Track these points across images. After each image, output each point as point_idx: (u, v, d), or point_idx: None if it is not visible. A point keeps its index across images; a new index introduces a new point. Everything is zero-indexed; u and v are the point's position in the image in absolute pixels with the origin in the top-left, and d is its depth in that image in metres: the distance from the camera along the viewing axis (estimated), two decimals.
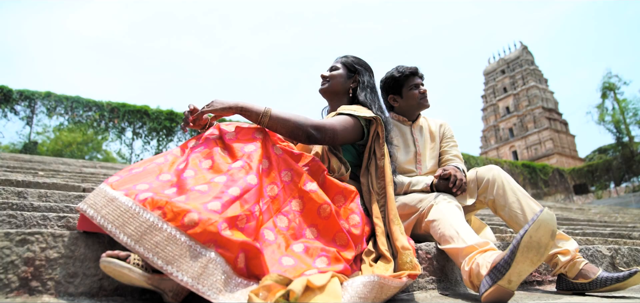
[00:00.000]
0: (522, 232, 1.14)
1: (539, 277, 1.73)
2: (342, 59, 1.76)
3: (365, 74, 1.71)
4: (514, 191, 1.66)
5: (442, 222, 1.50)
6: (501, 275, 1.15)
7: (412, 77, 2.08)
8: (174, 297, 0.98)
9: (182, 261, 0.91)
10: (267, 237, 1.10)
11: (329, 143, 1.45)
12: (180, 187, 1.15)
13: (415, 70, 2.09)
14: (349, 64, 1.73)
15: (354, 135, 1.50)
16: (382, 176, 1.45)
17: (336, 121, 1.46)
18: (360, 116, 1.50)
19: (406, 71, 2.08)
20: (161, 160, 1.27)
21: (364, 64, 1.76)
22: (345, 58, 1.76)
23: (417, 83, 2.08)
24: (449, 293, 1.38)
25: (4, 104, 12.79)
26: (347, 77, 1.70)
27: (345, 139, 1.48)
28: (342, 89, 1.70)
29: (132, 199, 1.06)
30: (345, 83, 1.70)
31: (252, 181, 1.14)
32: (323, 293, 0.84)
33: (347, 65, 1.73)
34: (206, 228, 0.94)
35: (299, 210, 1.20)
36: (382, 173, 1.45)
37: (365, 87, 1.67)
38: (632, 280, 1.38)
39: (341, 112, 1.53)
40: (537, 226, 1.12)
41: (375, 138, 1.52)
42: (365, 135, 1.53)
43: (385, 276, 1.05)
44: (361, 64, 1.75)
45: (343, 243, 1.16)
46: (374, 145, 1.52)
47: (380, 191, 1.43)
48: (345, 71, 1.72)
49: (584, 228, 4.11)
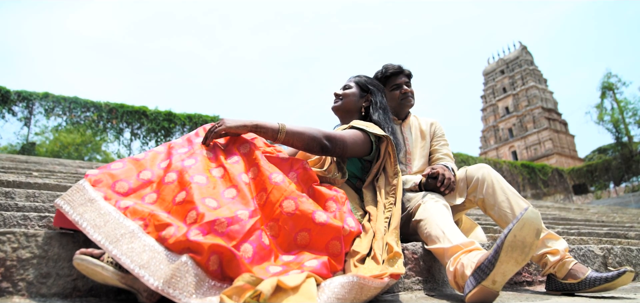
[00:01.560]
0: (506, 231, 1.12)
1: (529, 277, 1.71)
2: (355, 78, 1.79)
3: (377, 94, 1.75)
4: (504, 190, 1.64)
5: (429, 222, 1.48)
6: (485, 276, 1.13)
7: (394, 78, 2.10)
8: (149, 297, 0.96)
9: (154, 266, 0.91)
10: (263, 240, 1.07)
11: (339, 155, 1.48)
12: (159, 192, 1.15)
13: (397, 70, 2.09)
14: (361, 84, 1.76)
15: (363, 150, 1.53)
16: (393, 194, 1.44)
17: (347, 134, 1.50)
18: (371, 133, 1.53)
19: (388, 71, 2.10)
20: (141, 156, 1.27)
21: (377, 84, 1.79)
22: (358, 78, 1.79)
23: (399, 83, 2.09)
24: (435, 294, 1.36)
25: (2, 105, 12.75)
26: (360, 96, 1.74)
27: (354, 152, 1.51)
28: (355, 107, 1.73)
29: (112, 205, 1.06)
30: (357, 102, 1.73)
31: (230, 194, 1.14)
32: (297, 294, 0.82)
33: (360, 84, 1.76)
34: (178, 238, 0.95)
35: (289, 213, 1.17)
36: (394, 191, 1.45)
37: (378, 108, 1.71)
38: (621, 280, 1.36)
39: (353, 126, 1.56)
40: (521, 225, 1.10)
41: (386, 157, 1.54)
42: (372, 151, 1.55)
43: (366, 276, 1.02)
44: (374, 84, 1.78)
45: (335, 251, 1.13)
46: (385, 163, 1.53)
47: (388, 206, 1.41)
48: (358, 90, 1.75)
49: (580, 228, 4.09)
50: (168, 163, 1.24)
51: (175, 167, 1.21)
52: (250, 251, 1.01)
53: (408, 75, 2.12)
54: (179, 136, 15.65)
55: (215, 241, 0.95)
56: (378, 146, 1.56)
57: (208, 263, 0.93)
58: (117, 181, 1.15)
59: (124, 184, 1.15)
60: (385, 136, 1.53)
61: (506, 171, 22.84)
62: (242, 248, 1.00)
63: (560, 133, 41.34)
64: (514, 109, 43.14)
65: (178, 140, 1.37)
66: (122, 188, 1.14)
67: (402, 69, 2.10)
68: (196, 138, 1.37)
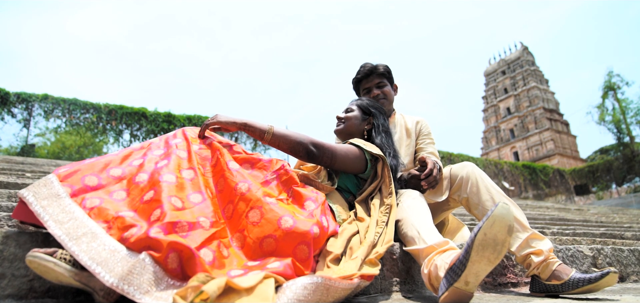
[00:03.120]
0: (476, 230, 1.08)
1: (515, 279, 1.67)
2: (357, 101, 1.81)
3: (379, 117, 1.75)
4: (488, 189, 1.61)
5: (405, 222, 1.44)
6: (457, 277, 1.09)
7: (364, 81, 2.10)
8: (105, 297, 0.93)
9: (112, 264, 0.89)
10: (222, 251, 1.05)
11: (327, 165, 1.49)
12: (129, 191, 1.13)
13: (366, 73, 2.08)
14: (363, 107, 1.77)
15: (355, 166, 1.52)
16: (387, 212, 1.42)
17: (339, 146, 1.51)
18: (367, 150, 1.53)
19: (359, 74, 2.10)
20: (115, 154, 1.26)
21: (379, 108, 1.80)
22: (360, 101, 1.81)
23: (369, 87, 2.08)
24: (412, 297, 1.32)
25: (1, 107, 12.76)
26: (362, 119, 1.74)
27: (345, 166, 1.50)
28: (357, 130, 1.73)
29: (78, 204, 1.05)
30: (359, 125, 1.73)
31: (196, 198, 1.12)
32: (251, 296, 0.79)
33: (362, 107, 1.77)
34: (139, 236, 0.94)
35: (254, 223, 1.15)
36: (389, 210, 1.43)
37: (381, 131, 1.71)
38: (605, 281, 1.31)
39: (350, 142, 1.58)
40: (492, 222, 1.06)
41: (383, 178, 1.53)
42: (367, 169, 1.54)
43: (332, 277, 0.99)
44: (376, 107, 1.79)
45: (303, 256, 1.10)
46: (381, 184, 1.52)
47: (380, 223, 1.38)
48: (360, 113, 1.76)
49: (576, 228, 4.04)
50: (141, 163, 1.22)
51: (148, 168, 1.20)
52: (210, 256, 0.99)
53: (381, 74, 2.08)
54: None
55: (174, 239, 0.93)
56: (374, 165, 1.56)
57: (167, 260, 0.91)
58: (86, 176, 1.14)
59: (94, 178, 1.14)
60: (381, 156, 1.53)
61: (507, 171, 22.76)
62: (201, 251, 0.98)
63: (562, 134, 41.17)
64: (516, 110, 42.99)
65: (156, 140, 1.36)
66: (91, 182, 1.13)
67: (371, 71, 2.07)
68: (173, 139, 1.36)
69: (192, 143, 1.36)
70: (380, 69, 2.07)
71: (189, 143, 1.34)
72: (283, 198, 1.26)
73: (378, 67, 2.07)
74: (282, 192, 1.30)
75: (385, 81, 2.08)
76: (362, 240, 1.29)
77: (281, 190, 1.31)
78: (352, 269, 1.11)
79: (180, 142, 1.34)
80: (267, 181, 1.31)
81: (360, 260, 1.16)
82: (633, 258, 2.09)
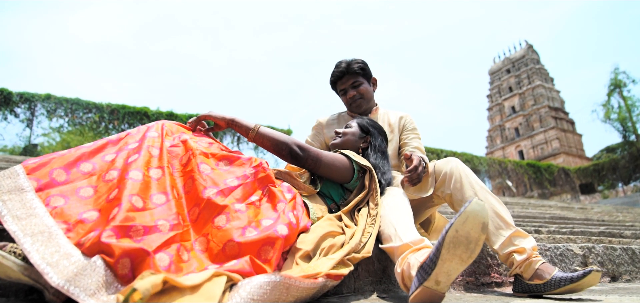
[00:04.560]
0: (447, 226, 1.03)
1: (499, 278, 1.62)
2: (358, 120, 1.82)
3: (378, 137, 1.75)
4: (472, 185, 1.56)
5: (384, 219, 1.40)
6: (427, 275, 1.04)
7: (339, 83, 2.07)
8: (56, 295, 0.90)
9: (62, 265, 0.86)
10: (181, 254, 1.02)
11: (311, 168, 1.49)
12: (97, 188, 1.10)
13: (339, 75, 2.05)
14: (363, 125, 1.78)
15: (340, 174, 1.51)
16: (372, 224, 1.39)
17: (326, 152, 1.52)
18: (355, 161, 1.52)
19: (333, 76, 2.07)
20: (89, 145, 1.22)
21: (379, 128, 1.81)
22: (361, 119, 1.82)
23: (344, 88, 2.06)
24: (387, 297, 1.27)
25: (4, 107, 12.84)
26: (359, 137, 1.75)
27: (329, 172, 1.50)
28: (352, 146, 1.72)
29: (42, 200, 1.03)
30: (356, 141, 1.74)
31: (159, 199, 1.10)
32: (195, 294, 0.75)
33: (361, 125, 1.78)
34: (93, 241, 0.91)
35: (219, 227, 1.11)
36: (374, 221, 1.40)
37: (377, 151, 1.71)
38: (588, 280, 1.26)
39: (340, 151, 1.58)
40: (465, 218, 1.02)
41: (371, 192, 1.51)
42: (353, 180, 1.52)
43: (293, 276, 0.95)
44: (376, 127, 1.80)
45: (267, 257, 1.07)
46: (369, 198, 1.50)
47: (366, 233, 1.35)
48: (359, 130, 1.77)
49: (574, 227, 3.97)
50: (113, 159, 1.19)
51: (119, 164, 1.17)
52: (167, 261, 0.96)
53: (356, 73, 2.03)
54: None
55: (127, 245, 0.90)
56: (361, 177, 1.54)
57: (117, 265, 0.88)
58: (54, 169, 1.11)
59: (62, 173, 1.11)
60: (369, 167, 1.52)
61: (511, 170, 22.58)
62: (157, 256, 0.95)
63: (568, 132, 40.83)
64: (520, 109, 42.69)
65: (134, 131, 1.33)
66: (59, 177, 1.10)
67: (345, 72, 2.03)
68: (149, 132, 1.32)
69: (165, 138, 1.33)
70: (354, 68, 2.02)
71: (163, 139, 1.31)
72: (255, 200, 1.23)
73: (351, 66, 2.02)
74: (257, 190, 1.27)
75: (360, 80, 2.04)
76: (346, 243, 1.25)
77: (256, 188, 1.28)
78: (319, 268, 1.07)
79: (155, 137, 1.31)
80: (244, 176, 1.28)
81: (334, 261, 1.12)
82: (626, 257, 2.03)
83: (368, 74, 2.07)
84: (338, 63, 2.06)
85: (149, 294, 0.66)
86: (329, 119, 2.19)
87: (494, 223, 1.47)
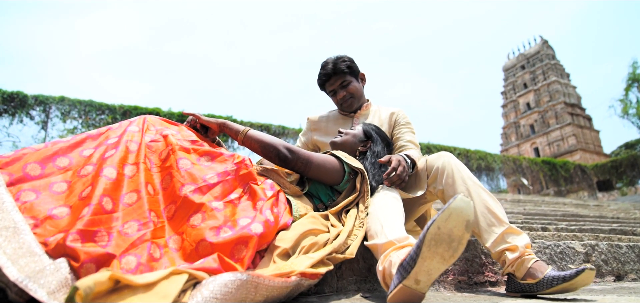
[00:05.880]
0: (429, 223, 0.99)
1: (493, 278, 1.56)
2: (365, 125, 1.81)
3: (379, 144, 1.73)
4: (464, 181, 1.50)
5: (372, 216, 1.36)
6: (407, 274, 1.00)
7: (328, 83, 2.02)
8: (18, 294, 0.88)
9: (23, 261, 0.85)
10: (152, 252, 1.00)
11: (301, 171, 1.48)
12: (71, 184, 1.08)
13: (325, 78, 2.00)
14: (366, 130, 1.78)
15: (330, 176, 1.49)
16: (360, 226, 1.36)
17: (316, 154, 1.50)
18: (346, 162, 1.49)
19: (320, 78, 2.03)
20: (66, 140, 1.21)
21: (383, 136, 1.80)
22: (366, 126, 1.81)
23: (333, 90, 2.02)
24: (371, 297, 1.23)
25: (20, 110, 13.10)
26: (359, 140, 1.74)
27: (319, 175, 1.48)
28: (350, 148, 1.72)
29: (12, 195, 1.02)
30: (355, 144, 1.73)
31: (130, 198, 1.08)
32: (149, 293, 0.72)
33: (365, 130, 1.78)
34: (58, 242, 0.90)
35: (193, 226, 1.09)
36: (363, 224, 1.37)
37: (375, 156, 1.69)
38: (581, 279, 1.20)
39: (331, 152, 1.55)
40: (448, 215, 0.97)
41: (361, 194, 1.48)
42: (343, 181, 1.50)
43: (263, 275, 0.91)
44: (380, 135, 1.79)
45: (240, 256, 1.04)
46: (359, 200, 1.47)
47: (352, 235, 1.32)
48: (361, 134, 1.77)
49: (585, 224, 3.85)
50: (91, 154, 1.17)
51: (95, 160, 1.15)
52: (134, 263, 0.94)
53: (343, 72, 1.98)
54: None
55: (92, 250, 0.89)
56: (352, 179, 1.52)
57: (81, 270, 0.87)
58: (28, 164, 1.09)
59: (37, 167, 1.10)
60: (361, 169, 1.49)
61: (526, 167, 22.18)
62: (123, 260, 0.93)
63: (584, 128, 39.99)
64: (536, 105, 41.96)
65: (115, 125, 1.31)
66: (33, 171, 1.08)
67: (332, 73, 1.98)
68: (130, 127, 1.31)
69: (146, 133, 1.31)
70: (342, 67, 1.98)
71: (143, 133, 1.30)
72: (234, 198, 1.20)
73: (338, 66, 1.98)
74: (238, 188, 1.25)
75: (349, 78, 2.00)
76: (329, 243, 1.22)
77: (237, 185, 1.26)
78: (294, 266, 1.04)
79: (136, 131, 1.29)
80: (225, 172, 1.26)
81: (314, 260, 1.09)
82: (632, 255, 1.95)
83: (355, 71, 2.03)
84: (324, 64, 2.02)
85: (92, 292, 0.64)
86: (319, 119, 2.16)
87: (486, 220, 1.42)
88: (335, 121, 2.10)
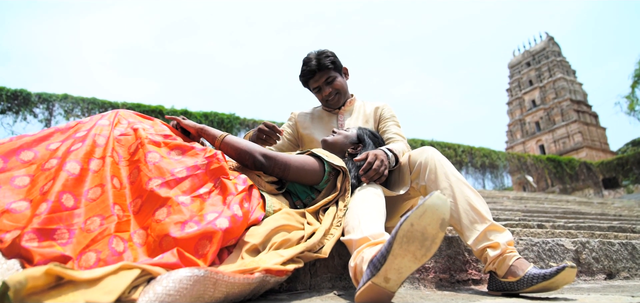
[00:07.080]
0: (402, 219, 0.95)
1: (477, 276, 1.52)
2: (360, 130, 1.78)
3: (369, 148, 1.68)
4: (447, 176, 1.47)
5: (350, 211, 1.33)
6: (376, 271, 0.97)
7: (311, 82, 1.97)
8: None
9: None
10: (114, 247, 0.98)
11: (279, 175, 1.46)
12: (34, 178, 1.06)
13: (309, 75, 1.95)
14: (360, 134, 1.75)
15: (309, 178, 1.46)
16: (338, 225, 1.34)
17: (294, 157, 1.47)
18: (327, 161, 1.47)
19: (304, 75, 1.97)
20: (34, 134, 1.17)
21: (377, 141, 1.77)
22: (362, 130, 1.77)
23: (318, 86, 1.97)
24: (346, 294, 1.19)
25: (23, 107, 13.18)
26: (351, 142, 1.71)
27: (298, 177, 1.45)
28: (340, 148, 1.69)
29: None
30: (346, 145, 1.70)
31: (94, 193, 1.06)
32: (92, 288, 0.69)
33: (359, 134, 1.75)
34: (13, 241, 0.87)
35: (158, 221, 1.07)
36: (340, 222, 1.35)
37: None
38: (562, 277, 1.16)
39: (311, 151, 1.52)
40: (422, 212, 0.94)
41: (341, 193, 1.46)
42: (322, 181, 1.47)
43: (224, 271, 0.89)
44: (374, 141, 1.75)
45: (203, 252, 1.02)
46: (339, 198, 1.45)
47: (326, 233, 1.29)
48: (354, 137, 1.74)
49: (584, 221, 3.79)
50: (57, 147, 1.15)
51: (59, 154, 1.12)
52: (93, 259, 0.92)
53: (328, 68, 1.93)
54: None
55: (48, 251, 0.87)
56: (333, 178, 1.49)
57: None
58: None
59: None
60: (343, 168, 1.47)
61: (531, 165, 22.03)
62: (83, 257, 0.92)
63: (591, 126, 39.62)
64: (541, 102, 41.63)
65: (87, 119, 1.29)
66: None
67: (315, 71, 1.93)
68: (101, 120, 1.28)
69: (116, 127, 1.29)
70: (326, 63, 1.92)
71: (113, 127, 1.27)
72: (203, 193, 1.18)
73: (322, 62, 1.92)
74: (208, 182, 1.22)
75: (333, 74, 1.95)
76: (303, 240, 1.19)
77: (207, 180, 1.23)
78: (260, 262, 1.01)
79: (105, 125, 1.27)
80: (195, 166, 1.24)
81: (284, 258, 1.06)
82: (625, 253, 1.90)
83: (339, 66, 1.99)
84: (306, 59, 1.96)
85: (24, 288, 0.61)
86: (304, 116, 2.12)
87: (468, 217, 1.38)
88: (320, 118, 2.07)
